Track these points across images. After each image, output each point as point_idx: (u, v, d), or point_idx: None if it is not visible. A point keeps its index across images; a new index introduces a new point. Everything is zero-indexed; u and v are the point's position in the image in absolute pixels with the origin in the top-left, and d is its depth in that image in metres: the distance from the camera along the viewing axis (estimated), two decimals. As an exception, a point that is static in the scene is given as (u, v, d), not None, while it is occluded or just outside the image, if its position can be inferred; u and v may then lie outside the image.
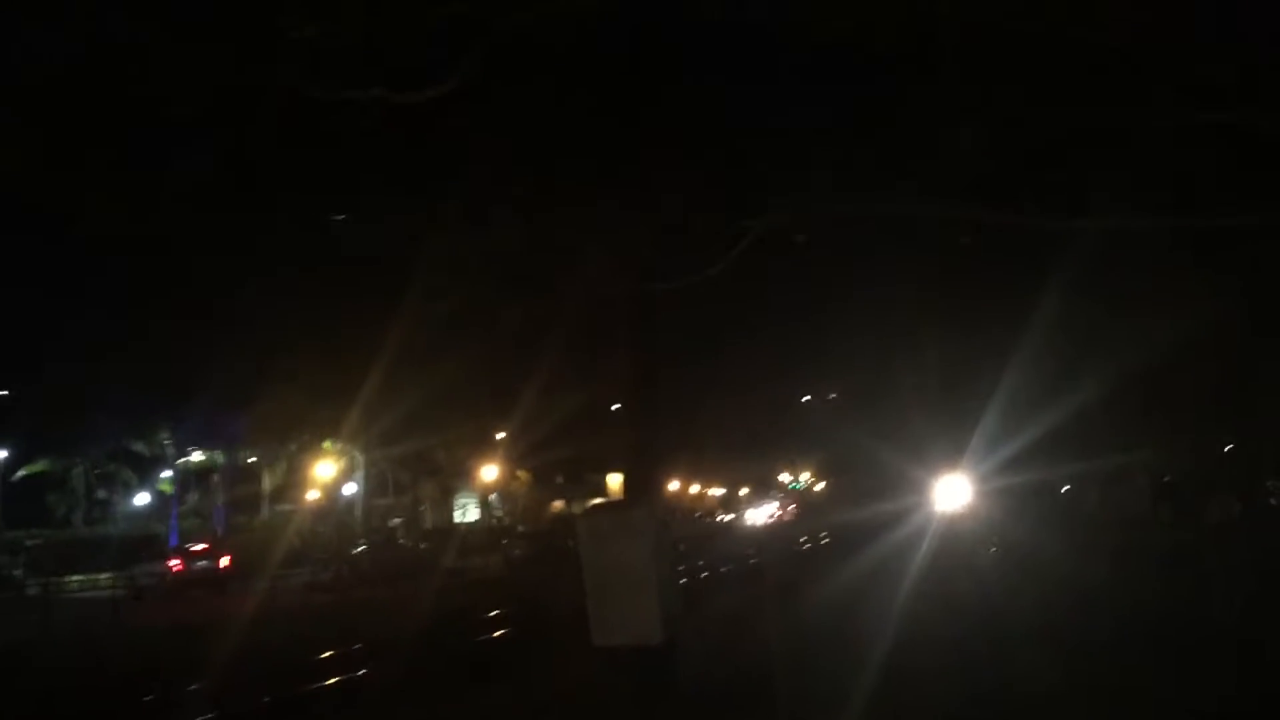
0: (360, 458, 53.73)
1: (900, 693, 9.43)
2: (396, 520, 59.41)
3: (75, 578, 37.31)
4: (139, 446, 55.35)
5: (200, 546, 40.01)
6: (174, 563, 37.95)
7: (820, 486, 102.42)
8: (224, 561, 38.16)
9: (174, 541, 46.93)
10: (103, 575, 36.53)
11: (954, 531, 27.88)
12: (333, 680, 15.15)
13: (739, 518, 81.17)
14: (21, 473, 54.18)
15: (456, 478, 63.53)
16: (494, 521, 66.02)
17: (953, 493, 29.82)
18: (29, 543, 45.19)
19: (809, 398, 69.98)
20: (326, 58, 10.00)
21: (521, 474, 68.45)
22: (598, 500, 53.05)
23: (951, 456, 30.12)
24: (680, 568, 18.17)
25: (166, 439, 53.35)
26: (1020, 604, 14.21)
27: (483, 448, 58.18)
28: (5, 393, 45.83)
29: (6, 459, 51.58)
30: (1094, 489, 31.44)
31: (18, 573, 39.08)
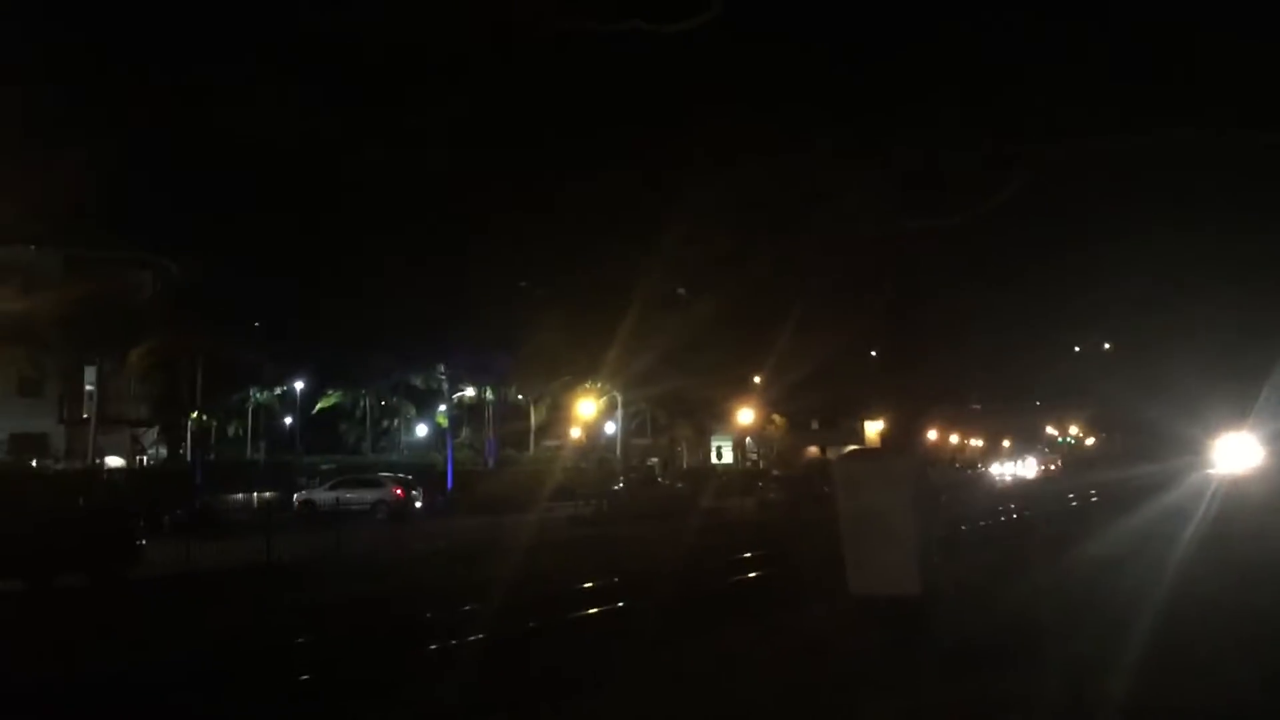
0: (619, 397, 55.26)
1: (1176, 663, 8.80)
2: (654, 459, 60.85)
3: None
4: (417, 381, 59.25)
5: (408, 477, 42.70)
6: (398, 490, 40.69)
7: (1090, 442, 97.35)
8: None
9: (450, 471, 49.97)
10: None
11: (1239, 494, 25.71)
12: (591, 611, 15.66)
13: (990, 471, 78.35)
14: (319, 405, 59.47)
15: (712, 419, 64.32)
16: (748, 464, 66.50)
17: (1237, 452, 27.49)
18: (324, 466, 49.36)
19: (1079, 349, 66.42)
20: None
21: (777, 418, 68.48)
22: (853, 447, 52.45)
23: (1235, 414, 27.83)
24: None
25: (441, 374, 56.75)
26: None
27: (739, 390, 58.55)
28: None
29: (303, 390, 56.46)
30: None
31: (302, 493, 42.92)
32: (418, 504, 40.56)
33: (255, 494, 38.72)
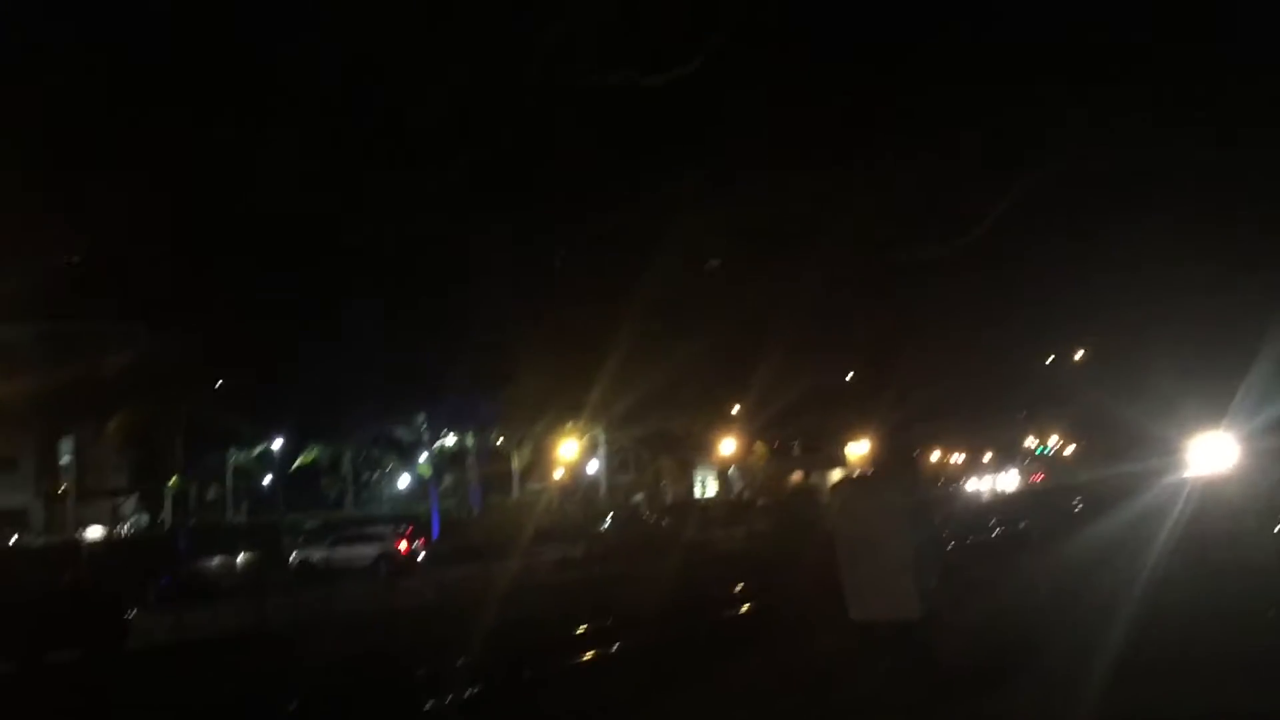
0: (602, 436, 55.19)
1: (1155, 672, 8.95)
2: (638, 496, 60.73)
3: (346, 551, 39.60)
4: (399, 432, 58.85)
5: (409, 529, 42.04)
6: (402, 545, 39.74)
7: (1070, 450, 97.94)
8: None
9: (435, 520, 49.72)
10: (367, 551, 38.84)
11: (1213, 495, 25.82)
12: (588, 655, 15.57)
13: (966, 487, 78.35)
14: (298, 462, 58.86)
15: (695, 452, 64.27)
16: (733, 495, 66.44)
17: (1213, 454, 27.58)
18: (307, 524, 48.96)
19: (1053, 358, 67.01)
20: (570, 50, 10.37)
21: (759, 447, 68.49)
22: (845, 473, 52.71)
23: (1210, 414, 27.97)
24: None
25: (423, 424, 56.42)
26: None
27: (720, 421, 58.61)
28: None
29: (282, 448, 55.95)
30: None
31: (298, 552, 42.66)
32: (420, 556, 39.91)
33: (240, 556, 38.34)
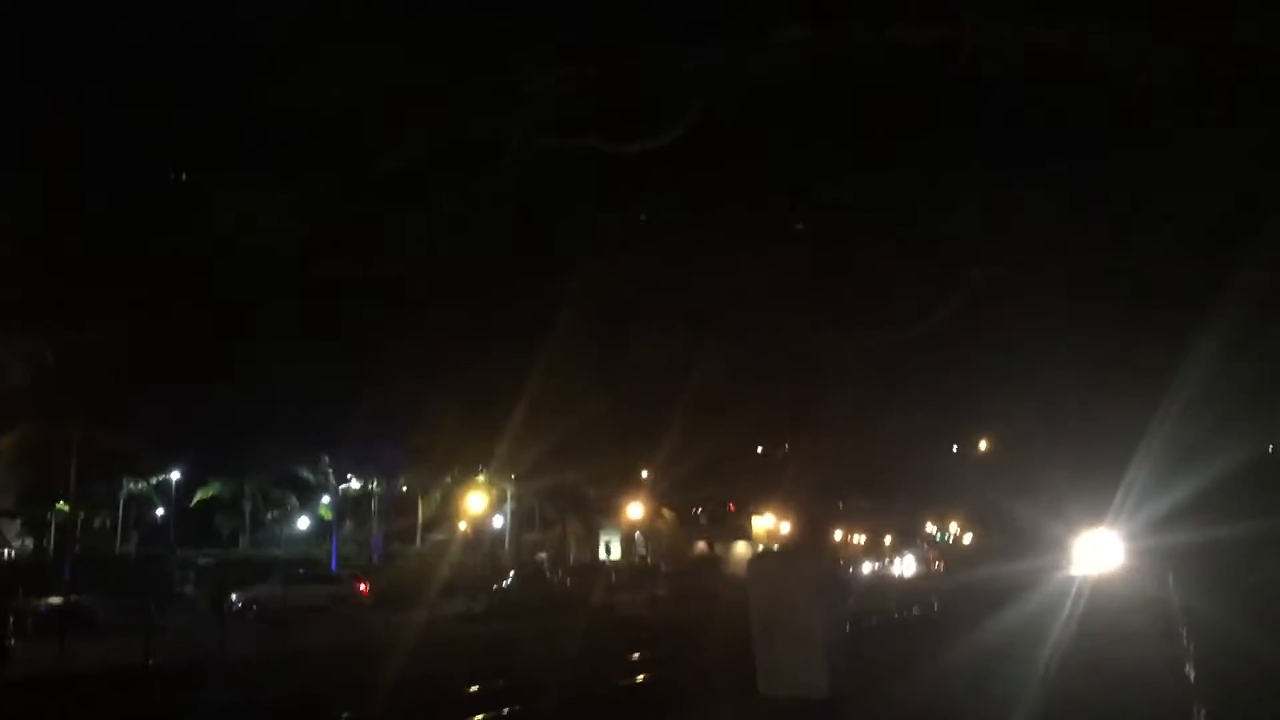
0: (509, 490, 54.73)
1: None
2: (543, 554, 60.23)
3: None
4: (303, 472, 57.66)
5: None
6: (361, 586, 41.00)
7: (968, 539, 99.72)
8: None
9: (334, 567, 48.71)
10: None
11: (1102, 592, 26.29)
12: (478, 718, 15.21)
13: (864, 568, 78.44)
14: (199, 496, 57.25)
15: (602, 514, 64.10)
16: (637, 560, 66.27)
17: (1099, 552, 28.29)
18: (201, 561, 47.59)
19: (956, 448, 68.40)
20: (546, 110, 10.38)
21: (666, 513, 68.56)
22: (749, 544, 52.99)
23: (1094, 513, 28.73)
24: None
25: (328, 466, 55.40)
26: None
27: (628, 485, 58.59)
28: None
29: (180, 481, 54.46)
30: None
31: (189, 589, 41.51)
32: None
33: (128, 590, 37.06)
